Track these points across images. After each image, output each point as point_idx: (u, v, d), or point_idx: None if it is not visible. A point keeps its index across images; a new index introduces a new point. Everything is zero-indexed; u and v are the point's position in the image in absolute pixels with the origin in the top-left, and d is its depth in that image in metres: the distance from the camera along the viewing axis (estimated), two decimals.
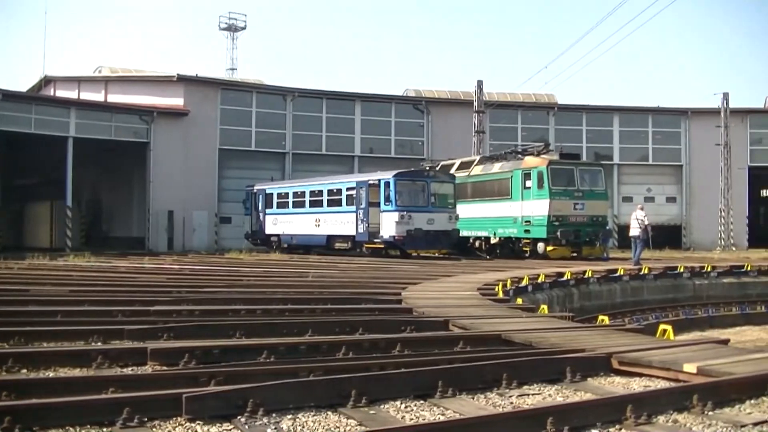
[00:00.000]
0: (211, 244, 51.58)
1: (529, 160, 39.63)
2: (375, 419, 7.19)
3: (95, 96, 55.93)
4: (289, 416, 7.17)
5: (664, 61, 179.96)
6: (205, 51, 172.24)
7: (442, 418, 7.25)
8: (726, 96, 59.86)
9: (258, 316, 13.76)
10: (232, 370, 8.38)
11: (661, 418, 7.43)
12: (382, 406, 7.69)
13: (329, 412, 7.40)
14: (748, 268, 34.89)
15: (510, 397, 8.36)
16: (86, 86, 57.80)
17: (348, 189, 40.78)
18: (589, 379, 9.39)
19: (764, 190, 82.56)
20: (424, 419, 7.29)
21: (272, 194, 47.32)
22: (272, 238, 46.78)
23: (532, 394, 8.57)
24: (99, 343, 10.81)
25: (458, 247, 41.43)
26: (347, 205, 40.46)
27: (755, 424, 7.30)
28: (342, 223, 40.55)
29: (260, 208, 47.95)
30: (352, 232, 39.81)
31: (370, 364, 9.01)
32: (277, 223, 46.25)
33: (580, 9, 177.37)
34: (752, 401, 8.24)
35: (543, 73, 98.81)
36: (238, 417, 6.98)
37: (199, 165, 51.99)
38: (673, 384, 8.93)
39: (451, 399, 8.05)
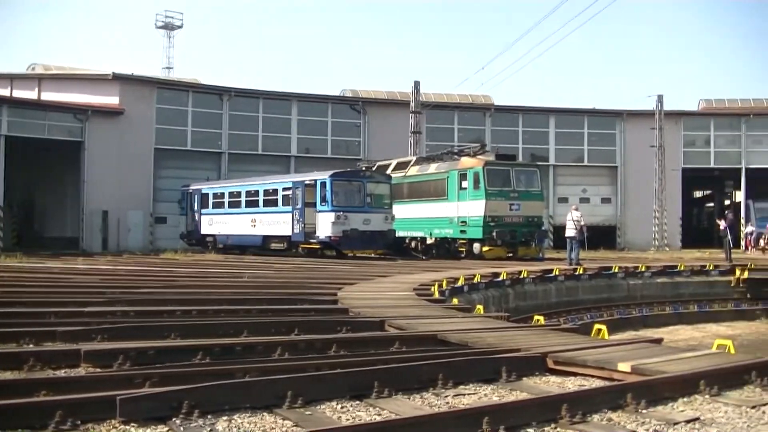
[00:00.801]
0: (146, 245, 51.14)
1: (466, 161, 39.79)
2: (311, 420, 7.17)
3: (28, 94, 55.07)
4: (225, 417, 7.12)
5: (600, 64, 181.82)
6: (141, 49, 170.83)
7: (379, 419, 7.24)
8: (660, 98, 60.60)
9: (193, 317, 13.66)
10: (167, 372, 8.31)
11: (596, 417, 7.48)
12: (318, 407, 7.67)
13: (265, 413, 7.36)
14: (681, 268, 35.37)
15: (446, 397, 8.38)
16: (19, 84, 56.90)
17: (284, 189, 40.65)
18: (524, 378, 9.43)
19: (697, 192, 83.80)
20: (360, 420, 7.27)
21: (208, 194, 47.05)
22: (208, 239, 46.49)
23: (468, 394, 8.58)
24: (31, 345, 10.63)
25: (394, 248, 41.49)
26: (283, 205, 40.34)
27: (687, 422, 7.39)
28: (278, 223, 40.42)
29: (196, 208, 47.64)
30: (288, 233, 39.69)
31: (306, 365, 8.97)
32: (212, 224, 46.01)
33: (518, 11, 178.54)
34: (685, 399, 8.34)
35: (480, 74, 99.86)
36: (173, 419, 6.90)
37: (134, 164, 51.44)
38: (607, 383, 8.98)
39: (388, 399, 8.05)
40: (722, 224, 42.20)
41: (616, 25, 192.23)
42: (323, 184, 37.85)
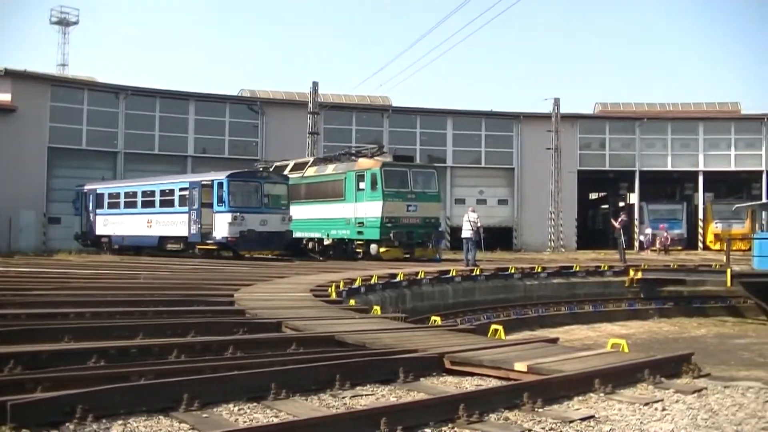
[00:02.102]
0: (39, 245, 50.10)
1: (363, 162, 39.88)
2: (208, 422, 7.10)
3: None
4: (120, 422, 7.01)
5: (498, 66, 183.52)
6: (35, 46, 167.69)
7: (276, 420, 7.20)
8: (557, 101, 61.35)
9: (87, 320, 13.42)
10: (61, 376, 8.14)
11: (493, 416, 7.53)
12: (215, 409, 7.59)
13: (161, 417, 7.26)
14: (577, 269, 35.93)
15: (344, 398, 8.37)
16: None
17: (181, 189, 40.26)
18: (422, 379, 9.46)
19: (592, 194, 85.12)
20: (257, 421, 7.23)
21: (103, 194, 46.35)
22: (103, 239, 45.79)
23: (366, 395, 8.58)
24: None
25: (291, 249, 41.35)
26: (180, 205, 39.95)
27: (582, 420, 7.51)
28: (174, 223, 40.03)
29: (91, 208, 46.88)
30: (185, 233, 39.34)
31: (203, 367, 8.89)
32: (107, 224, 45.35)
33: (417, 12, 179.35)
34: (580, 398, 8.47)
35: (378, 75, 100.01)
36: (67, 424, 6.76)
37: (26, 163, 50.36)
38: (504, 382, 9.05)
39: (285, 401, 8.01)
40: (616, 224, 42.94)
41: (515, 29, 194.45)
42: (220, 184, 37.60)
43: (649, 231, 60.24)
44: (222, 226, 37.02)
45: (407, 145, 58.45)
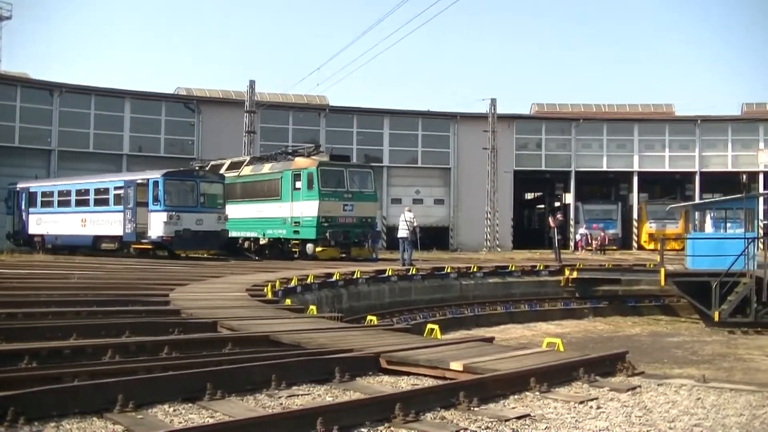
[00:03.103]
0: None
1: (300, 161, 39.80)
2: (143, 424, 7.04)
3: None
4: (53, 424, 6.92)
5: (435, 66, 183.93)
6: None
7: (212, 421, 7.15)
8: (494, 102, 61.62)
9: (19, 320, 13.24)
10: None
11: (429, 416, 7.55)
12: (150, 410, 7.53)
13: (95, 418, 7.18)
14: (513, 269, 36.17)
15: (280, 398, 8.34)
16: None
17: (116, 188, 39.84)
18: (358, 378, 9.45)
19: (528, 194, 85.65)
20: (192, 422, 7.17)
21: (36, 193, 45.73)
22: (36, 239, 45.17)
23: (302, 395, 8.56)
24: None
25: (227, 248, 41.17)
26: (115, 204, 39.54)
27: (518, 418, 7.54)
28: (109, 223, 39.61)
29: (23, 207, 46.25)
30: (120, 233, 38.94)
31: (137, 368, 8.82)
32: (41, 223, 44.76)
33: (354, 11, 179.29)
34: (515, 396, 8.53)
35: (315, 75, 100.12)
36: None
37: None
38: (440, 382, 9.07)
39: (220, 401, 7.96)
40: (552, 224, 43.27)
41: (452, 29, 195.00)
42: (155, 183, 37.30)
43: (584, 231, 60.71)
44: (157, 225, 36.72)
45: (344, 145, 58.50)
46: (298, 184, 38.55)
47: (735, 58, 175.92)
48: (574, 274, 36.19)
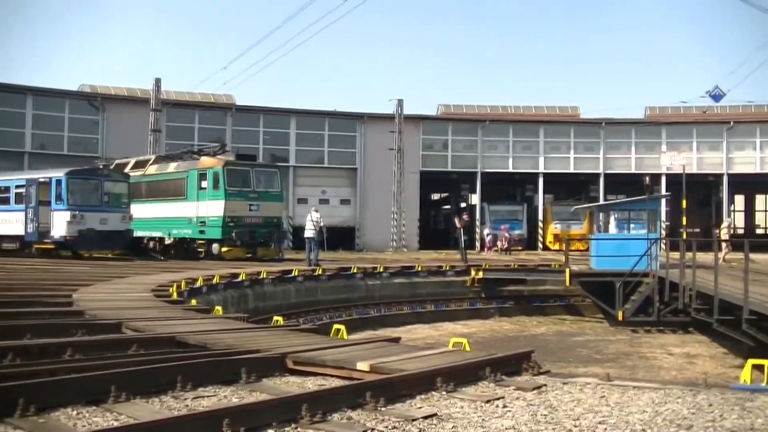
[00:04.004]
0: None
1: (205, 161, 39.55)
2: (45, 428, 6.92)
3: None
4: None
5: (342, 67, 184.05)
6: None
7: (116, 424, 7.05)
8: (400, 103, 61.65)
9: None
10: None
11: (336, 416, 7.55)
12: (52, 414, 7.39)
13: None
14: (419, 269, 36.33)
15: (185, 399, 8.26)
16: None
17: (17, 187, 39.10)
18: (264, 379, 9.42)
19: (435, 194, 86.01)
20: (97, 425, 7.07)
21: None
22: None
23: (208, 396, 8.49)
24: None
25: (132, 248, 40.68)
26: (16, 203, 38.80)
27: (425, 418, 7.58)
28: (10, 222, 38.86)
29: None
30: (21, 232, 38.23)
31: (40, 370, 8.64)
32: None
33: (262, 10, 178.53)
34: (422, 396, 8.57)
35: (222, 73, 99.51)
36: None
37: None
38: (347, 382, 9.08)
39: (125, 404, 7.85)
40: (458, 224, 43.55)
41: (360, 29, 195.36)
42: (58, 182, 36.69)
43: (491, 231, 61.11)
44: (60, 224, 36.14)
45: (250, 144, 58.05)
46: (204, 184, 38.30)
47: (639, 63, 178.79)
48: (480, 275, 36.48)
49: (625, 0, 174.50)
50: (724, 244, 40.12)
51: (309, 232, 35.08)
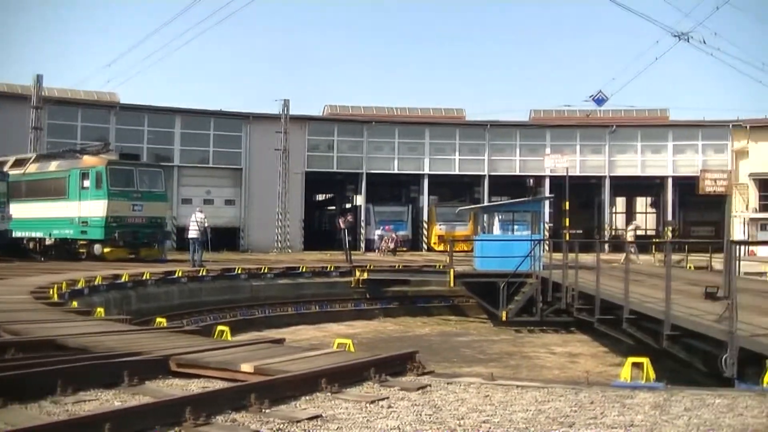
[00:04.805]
0: None
1: (88, 160, 38.95)
2: None
3: None
4: None
5: (228, 66, 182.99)
6: None
7: None
8: (287, 103, 61.50)
9: None
10: None
11: (220, 418, 7.48)
12: None
13: None
14: (303, 270, 36.34)
15: (66, 404, 8.09)
16: None
17: None
18: (147, 382, 9.29)
19: (320, 195, 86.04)
20: None
21: None
22: None
23: (89, 400, 8.33)
24: None
25: (11, 249, 39.80)
26: None
27: (309, 419, 7.57)
28: None
29: None
30: None
31: None
32: None
33: (147, 7, 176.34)
34: (307, 397, 8.55)
35: (106, 71, 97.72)
36: None
37: None
38: (230, 384, 9.01)
39: (2, 410, 7.66)
40: (341, 224, 43.64)
41: (246, 29, 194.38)
42: None
43: (380, 232, 61.22)
44: None
45: (134, 144, 57.35)
46: (86, 183, 37.69)
47: (524, 68, 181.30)
48: (365, 275, 36.58)
49: (510, 6, 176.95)
50: (630, 247, 41.09)
51: (193, 233, 34.89)
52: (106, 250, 36.68)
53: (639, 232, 63.64)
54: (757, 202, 64.38)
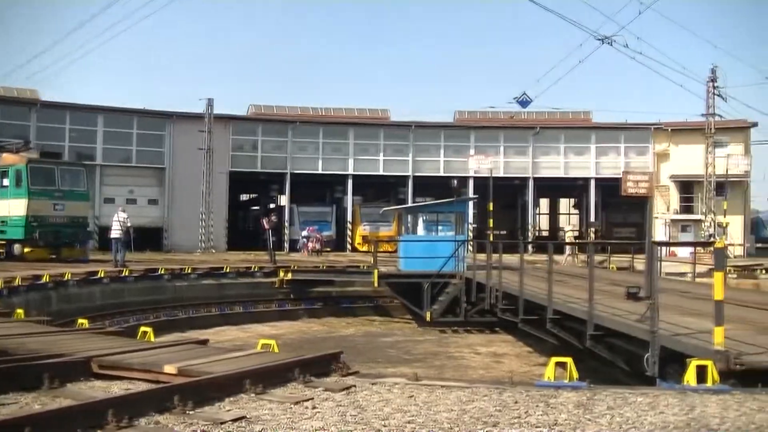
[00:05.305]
0: None
1: (7, 158, 38.33)
2: None
3: None
4: None
5: (152, 64, 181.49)
6: None
7: None
8: (211, 102, 61.15)
9: None
10: None
11: (143, 420, 7.44)
12: None
13: None
14: (227, 270, 36.18)
15: None
16: None
17: None
18: (68, 384, 9.18)
19: (244, 195, 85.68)
20: None
21: None
22: None
23: (9, 404, 8.23)
24: None
25: None
26: None
27: (234, 420, 7.57)
28: None
29: None
30: None
31: None
32: None
33: (69, 4, 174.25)
34: (231, 398, 8.54)
35: (26, 67, 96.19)
36: None
37: None
38: (154, 385, 8.98)
39: None
40: (265, 224, 43.51)
41: (169, 26, 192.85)
42: None
43: (305, 233, 61.07)
44: None
45: (56, 142, 56.59)
46: (6, 182, 37.10)
47: (448, 70, 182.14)
48: (289, 276, 36.56)
49: (435, 7, 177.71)
50: (568, 248, 41.52)
51: (115, 233, 34.58)
52: (27, 250, 36.14)
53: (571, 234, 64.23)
54: (678, 203, 65.45)
